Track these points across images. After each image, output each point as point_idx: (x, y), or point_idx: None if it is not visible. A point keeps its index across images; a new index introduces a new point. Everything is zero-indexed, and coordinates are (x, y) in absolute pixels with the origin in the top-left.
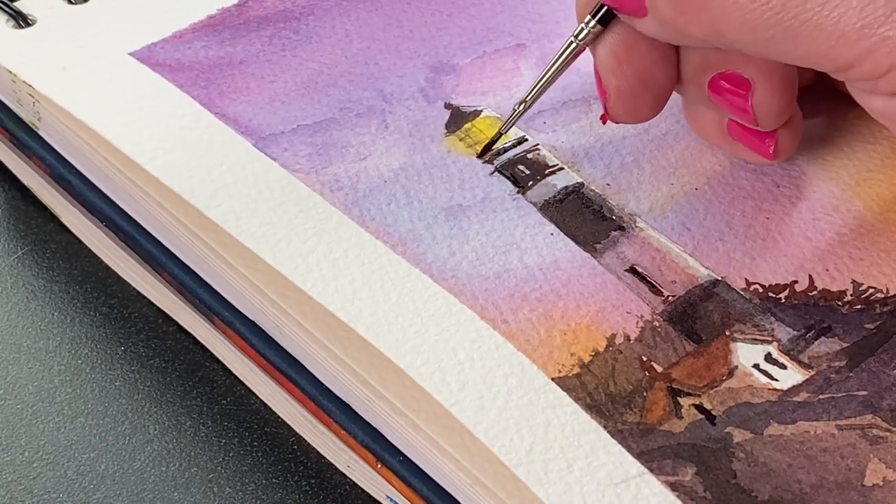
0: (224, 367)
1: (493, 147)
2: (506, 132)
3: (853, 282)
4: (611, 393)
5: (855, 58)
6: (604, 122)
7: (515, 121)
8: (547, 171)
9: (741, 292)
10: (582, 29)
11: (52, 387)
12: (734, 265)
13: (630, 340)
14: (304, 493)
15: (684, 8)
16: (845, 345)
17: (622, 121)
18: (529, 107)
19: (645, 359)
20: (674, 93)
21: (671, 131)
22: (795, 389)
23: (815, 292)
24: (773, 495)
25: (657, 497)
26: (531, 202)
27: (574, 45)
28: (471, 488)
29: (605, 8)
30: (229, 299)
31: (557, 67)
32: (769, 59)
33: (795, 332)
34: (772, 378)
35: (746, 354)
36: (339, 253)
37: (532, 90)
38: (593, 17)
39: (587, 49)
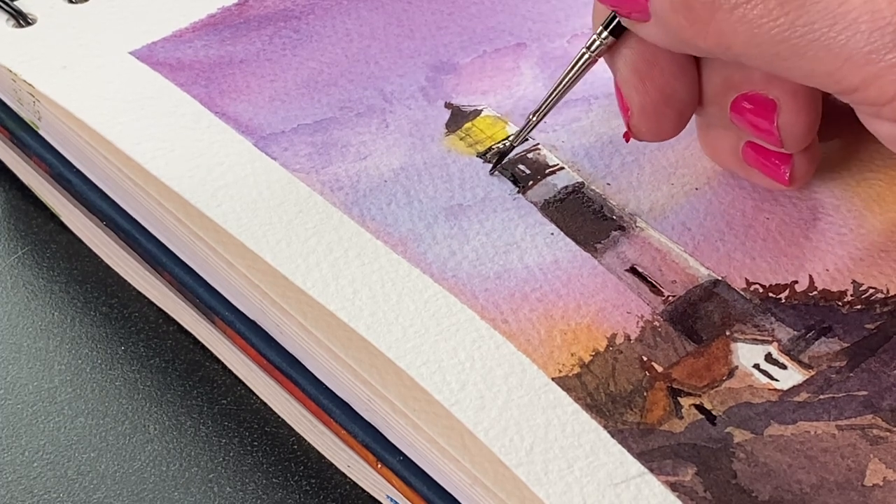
0: (224, 367)
1: (504, 157)
2: (518, 144)
3: (853, 282)
4: (611, 393)
5: (860, 82)
6: (626, 140)
7: (529, 132)
8: (547, 171)
9: (741, 292)
10: (594, 40)
11: (53, 386)
12: (734, 265)
13: (630, 340)
14: (304, 492)
15: (690, 18)
16: (845, 345)
17: (645, 138)
18: (542, 118)
19: (645, 359)
20: None
21: None
22: (796, 389)
23: (815, 292)
24: (773, 495)
25: (657, 497)
26: (531, 202)
27: (587, 56)
28: (471, 488)
29: (618, 20)
30: (229, 299)
31: (570, 79)
32: (773, 74)
33: (796, 333)
34: (772, 378)
35: (747, 354)
36: (340, 253)
37: (545, 101)
38: (605, 27)
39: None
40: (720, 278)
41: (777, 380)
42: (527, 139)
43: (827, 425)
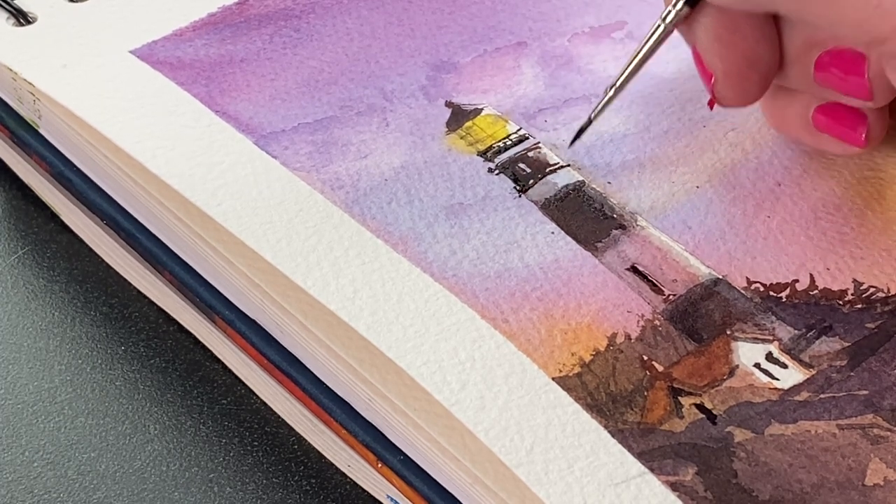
0: (224, 367)
1: (582, 133)
2: (595, 118)
3: (854, 281)
4: (611, 392)
5: (891, 31)
6: (711, 107)
7: (605, 107)
8: (548, 170)
9: (742, 291)
10: (669, 11)
11: (53, 386)
12: (735, 264)
13: (631, 340)
14: (304, 492)
15: None
16: (846, 344)
17: (730, 104)
18: (619, 92)
19: (646, 358)
20: (678, 90)
21: (672, 129)
22: (796, 389)
23: (816, 291)
24: (773, 495)
25: (658, 497)
26: (532, 201)
27: (662, 27)
28: (471, 487)
29: None
30: (230, 298)
31: (647, 51)
32: (802, 19)
33: (796, 332)
34: (773, 377)
35: (747, 354)
36: (340, 252)
37: (622, 75)
38: None
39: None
40: (721, 277)
41: (778, 379)
42: (525, 136)
43: (828, 425)
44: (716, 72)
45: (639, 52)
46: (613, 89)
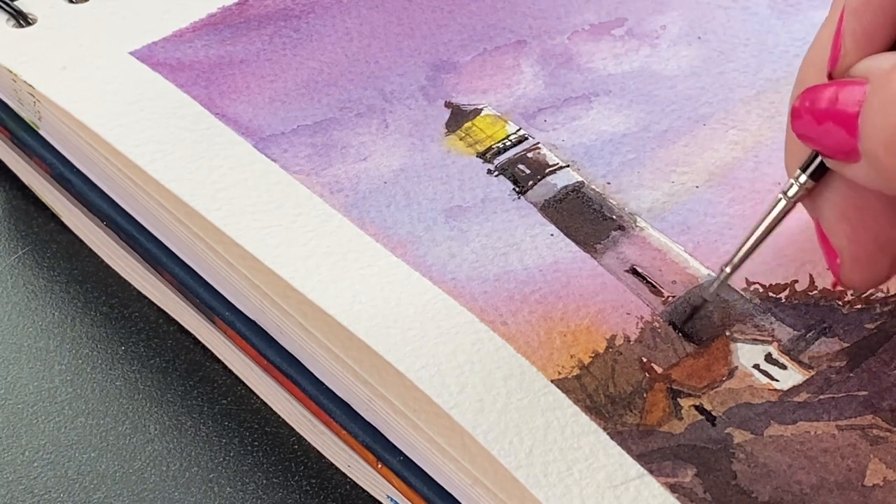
0: (224, 367)
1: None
2: (710, 299)
3: None
4: (610, 394)
5: None
6: (833, 289)
7: (720, 286)
8: (547, 171)
9: (741, 292)
10: (791, 184)
11: (53, 386)
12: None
13: (630, 341)
14: (304, 492)
15: None
16: (846, 345)
17: (856, 288)
18: (736, 269)
19: (645, 360)
20: (678, 89)
21: (672, 128)
22: (796, 390)
23: (815, 292)
24: (773, 496)
25: (657, 499)
26: (531, 202)
27: (784, 202)
28: (471, 488)
29: (820, 161)
30: (230, 299)
31: (767, 228)
32: None
33: (796, 332)
34: (772, 378)
35: (746, 355)
36: (339, 256)
37: (738, 252)
38: (803, 171)
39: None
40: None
41: (777, 380)
42: (525, 137)
43: (827, 425)
44: (842, 253)
45: (757, 231)
46: (730, 267)
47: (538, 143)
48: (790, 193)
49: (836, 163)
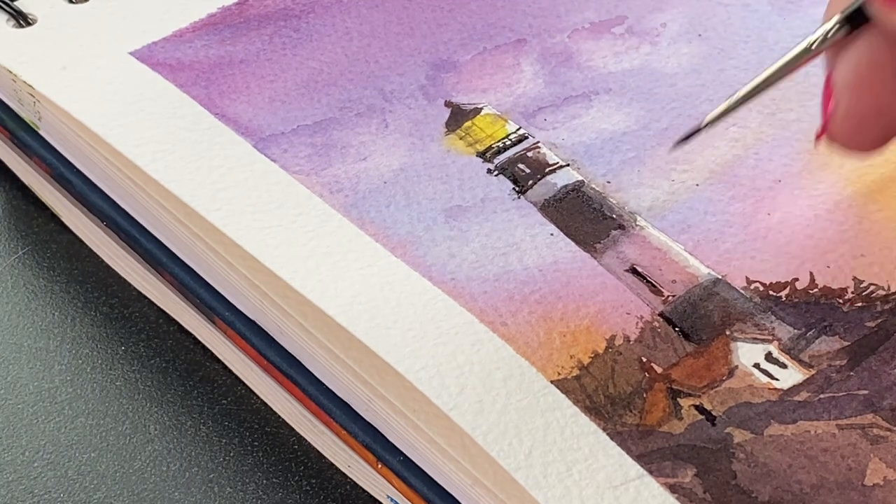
0: (224, 367)
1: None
2: (711, 126)
3: (854, 279)
4: (610, 395)
5: None
6: (817, 139)
7: (722, 118)
8: (547, 170)
9: (742, 291)
10: (829, 30)
11: (53, 387)
12: (735, 263)
13: (630, 341)
14: (304, 492)
15: None
16: (846, 343)
17: (839, 144)
18: (746, 101)
19: (644, 360)
20: (678, 87)
21: (672, 126)
22: (796, 389)
23: (815, 290)
24: (773, 496)
25: (656, 499)
26: (531, 202)
27: (815, 46)
28: (471, 489)
29: (859, 6)
30: (230, 299)
31: (787, 69)
32: None
33: (796, 331)
34: (772, 377)
35: (747, 354)
36: (339, 256)
37: (750, 89)
38: (845, 17)
39: None
40: (720, 277)
41: (777, 379)
42: (525, 136)
43: (827, 425)
44: (840, 105)
45: (777, 70)
46: (743, 94)
47: (538, 142)
48: (827, 36)
49: (881, 8)
